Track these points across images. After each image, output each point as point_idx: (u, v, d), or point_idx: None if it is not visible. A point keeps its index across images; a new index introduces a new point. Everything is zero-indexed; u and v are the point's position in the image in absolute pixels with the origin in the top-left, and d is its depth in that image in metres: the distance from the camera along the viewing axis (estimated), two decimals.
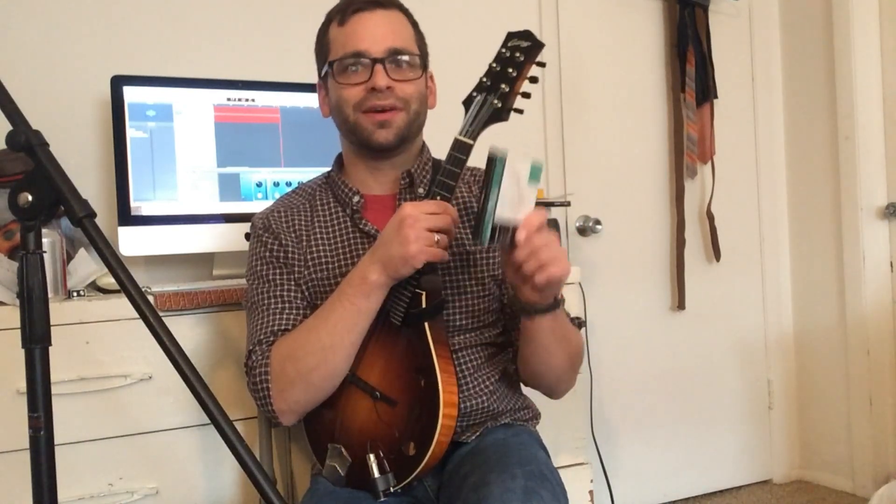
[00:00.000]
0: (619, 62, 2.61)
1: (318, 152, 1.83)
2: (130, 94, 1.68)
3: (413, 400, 1.15)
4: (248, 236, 1.75)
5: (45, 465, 0.87)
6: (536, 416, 1.38)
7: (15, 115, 0.86)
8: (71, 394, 1.40)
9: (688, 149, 2.64)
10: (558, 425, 1.38)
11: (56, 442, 0.89)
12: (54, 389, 0.89)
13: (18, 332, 0.87)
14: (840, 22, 2.63)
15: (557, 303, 1.17)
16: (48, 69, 1.84)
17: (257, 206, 1.76)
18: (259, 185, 1.79)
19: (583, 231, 2.51)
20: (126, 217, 1.66)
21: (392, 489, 1.13)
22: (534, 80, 1.15)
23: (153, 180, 1.69)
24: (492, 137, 1.16)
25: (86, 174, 1.84)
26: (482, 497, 1.04)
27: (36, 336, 0.86)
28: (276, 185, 1.81)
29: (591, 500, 1.89)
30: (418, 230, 1.08)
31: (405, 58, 1.24)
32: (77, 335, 1.43)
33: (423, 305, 1.15)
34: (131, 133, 1.68)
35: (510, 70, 1.12)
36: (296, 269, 1.27)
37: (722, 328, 2.79)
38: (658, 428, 2.65)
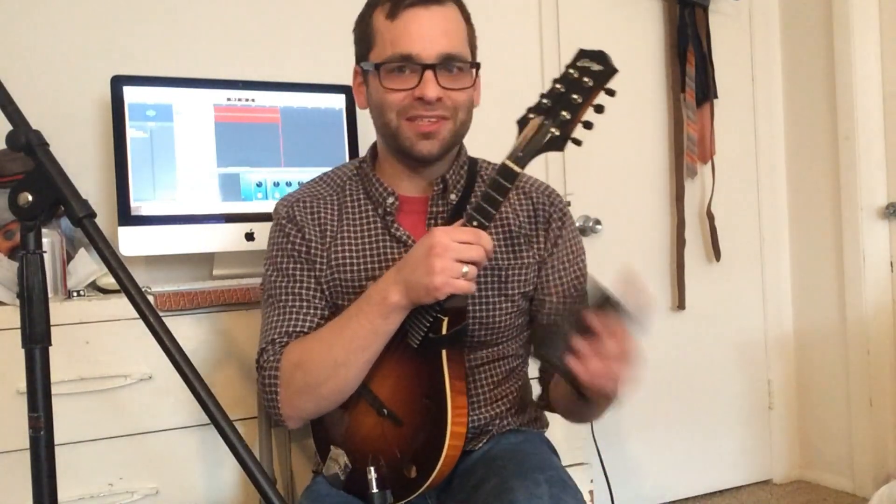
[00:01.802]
0: (619, 62, 2.58)
1: (319, 152, 1.84)
2: (130, 94, 1.68)
3: (420, 424, 1.11)
4: (248, 236, 1.76)
5: (45, 465, 0.87)
6: (545, 423, 1.36)
7: (15, 115, 0.86)
8: (71, 394, 1.40)
9: (688, 149, 2.64)
10: (558, 425, 1.37)
11: (56, 442, 0.89)
12: (54, 389, 0.89)
13: (18, 332, 0.87)
14: (840, 22, 2.62)
15: (608, 402, 1.11)
16: (48, 69, 1.84)
17: (257, 206, 1.77)
18: (259, 185, 1.79)
19: (583, 231, 2.51)
20: (126, 217, 1.66)
21: None
22: (599, 109, 1.04)
23: (153, 180, 1.69)
24: (492, 137, 1.15)
25: (86, 174, 1.83)
26: (506, 503, 1.02)
27: (36, 336, 0.86)
28: (276, 185, 1.81)
29: (591, 500, 1.89)
30: (446, 261, 1.01)
31: (458, 65, 1.16)
32: (77, 335, 1.43)
33: (444, 332, 1.09)
34: (131, 133, 1.68)
35: (575, 96, 1.03)
36: (317, 266, 1.21)
37: (722, 328, 2.79)
38: (658, 428, 2.65)
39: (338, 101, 1.87)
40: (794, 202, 2.87)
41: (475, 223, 1.06)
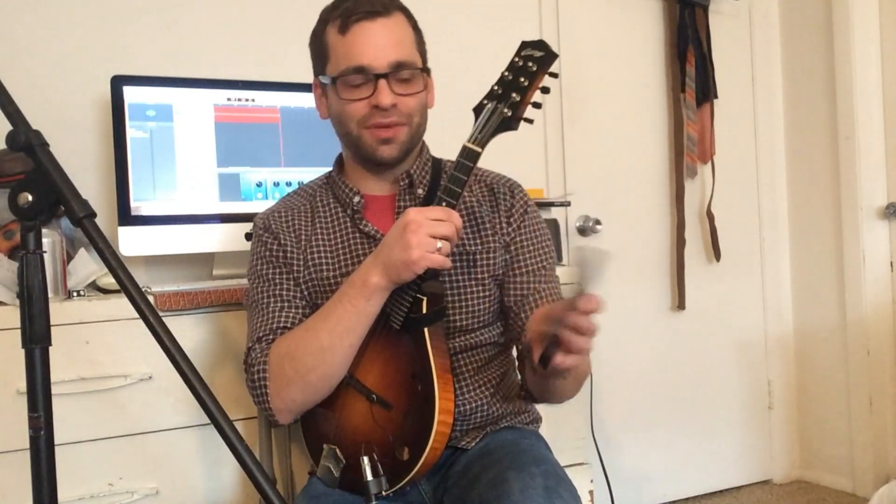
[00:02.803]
0: (619, 62, 2.61)
1: (318, 152, 1.83)
2: (130, 94, 1.68)
3: (409, 405, 1.14)
4: (248, 236, 1.76)
5: (45, 465, 0.87)
6: (537, 419, 1.38)
7: (15, 115, 0.86)
8: (71, 394, 1.40)
9: (688, 149, 2.64)
10: (558, 425, 1.38)
11: (56, 442, 0.89)
12: (54, 389, 0.89)
13: (18, 332, 0.87)
14: (840, 22, 2.63)
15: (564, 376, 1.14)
16: (48, 69, 1.84)
17: (257, 206, 1.77)
18: (259, 185, 1.79)
19: (583, 231, 2.51)
20: (126, 217, 1.66)
21: (384, 492, 1.12)
22: (545, 90, 1.14)
23: (153, 180, 1.69)
24: (494, 138, 1.16)
25: (86, 174, 1.84)
26: (502, 493, 1.04)
27: (36, 336, 0.86)
28: (276, 185, 1.81)
29: (591, 500, 1.89)
30: (421, 236, 1.07)
31: (409, 71, 1.22)
32: (77, 335, 1.43)
33: (424, 311, 1.14)
34: (131, 133, 1.68)
35: (522, 80, 1.11)
36: (295, 268, 1.27)
37: (722, 328, 2.79)
38: (658, 428, 2.65)
39: None
40: (794, 202, 2.87)
41: (444, 203, 1.13)
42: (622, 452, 2.57)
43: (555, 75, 1.13)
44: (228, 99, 1.77)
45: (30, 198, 0.85)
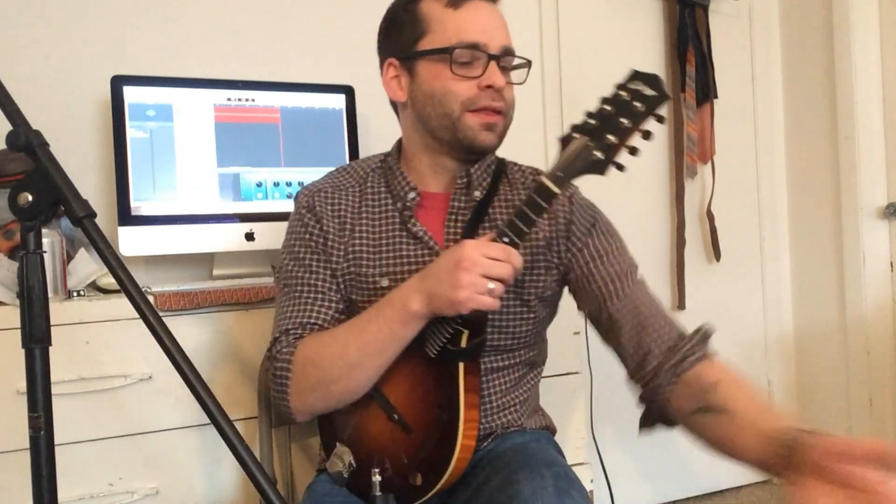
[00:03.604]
0: (619, 62, 2.59)
1: (319, 152, 1.84)
2: (130, 94, 1.68)
3: (430, 433, 1.10)
4: (248, 236, 1.76)
5: (45, 465, 0.87)
6: (549, 426, 1.35)
7: (15, 115, 0.86)
8: (71, 394, 1.40)
9: (688, 149, 2.64)
10: (558, 425, 1.38)
11: (56, 442, 0.89)
12: (54, 389, 0.89)
13: (18, 332, 0.87)
14: (840, 22, 2.62)
15: None
16: (48, 69, 1.84)
17: (257, 206, 1.77)
18: (259, 185, 1.79)
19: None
20: (126, 217, 1.66)
21: None
22: (647, 135, 0.99)
23: (153, 180, 1.69)
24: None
25: (86, 174, 1.83)
26: (512, 495, 1.01)
27: (36, 336, 0.86)
28: (276, 185, 1.81)
29: (592, 500, 1.89)
30: (473, 276, 0.99)
31: (515, 60, 1.17)
32: (77, 335, 1.43)
33: (463, 345, 1.07)
34: (131, 133, 1.68)
35: (624, 119, 0.99)
36: (334, 258, 1.20)
37: (722, 328, 2.76)
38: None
39: (338, 101, 1.87)
40: (794, 202, 2.87)
41: (506, 240, 1.03)
42: (622, 452, 2.57)
43: (662, 120, 1.00)
44: (228, 99, 1.77)
45: (30, 198, 0.85)
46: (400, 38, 1.19)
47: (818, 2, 2.71)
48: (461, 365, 1.08)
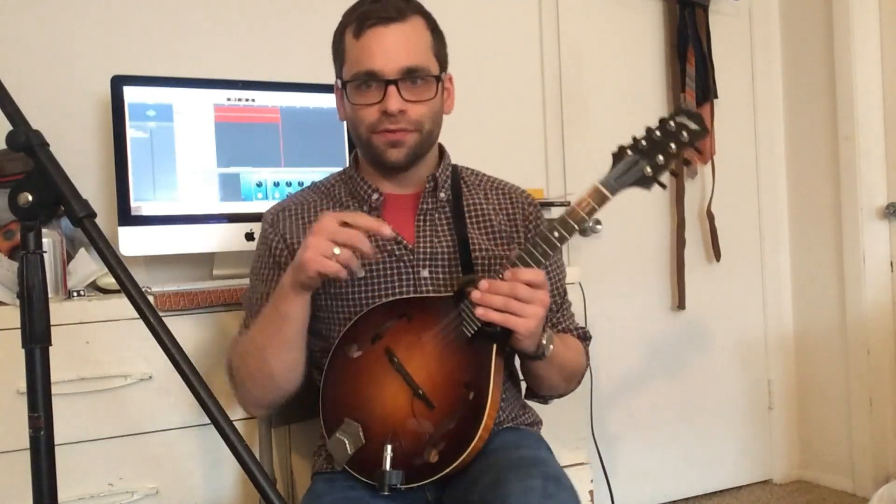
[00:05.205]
0: (619, 62, 2.61)
1: (319, 152, 1.83)
2: (130, 94, 1.68)
3: (453, 411, 1.12)
4: (248, 236, 1.76)
5: (45, 465, 0.88)
6: (538, 421, 1.37)
7: (15, 115, 0.86)
8: (71, 394, 1.40)
9: None
10: (558, 425, 1.38)
11: (56, 442, 0.89)
12: (54, 389, 0.89)
13: (18, 332, 0.87)
14: (840, 22, 2.63)
15: (539, 355, 1.17)
16: (48, 69, 1.84)
17: (257, 206, 1.77)
18: (259, 185, 1.79)
19: (583, 231, 2.51)
20: (126, 217, 1.66)
21: (400, 486, 1.10)
22: (687, 163, 1.18)
23: (153, 180, 1.69)
24: (492, 135, 1.15)
25: (86, 174, 1.83)
26: (501, 495, 1.03)
27: (36, 336, 0.86)
28: (276, 185, 1.81)
29: (591, 500, 1.89)
30: (320, 239, 1.05)
31: (420, 79, 1.21)
32: (77, 335, 1.43)
33: (500, 328, 1.12)
34: (131, 133, 1.68)
35: (672, 145, 1.13)
36: None
37: (722, 328, 2.79)
38: (658, 428, 2.65)
39: None
40: (794, 202, 2.87)
41: (556, 234, 1.15)
42: (622, 452, 2.57)
43: (699, 150, 1.15)
44: (228, 99, 1.77)
45: (30, 198, 0.85)
46: (335, 64, 1.29)
47: (818, 2, 2.71)
48: (495, 346, 1.13)
